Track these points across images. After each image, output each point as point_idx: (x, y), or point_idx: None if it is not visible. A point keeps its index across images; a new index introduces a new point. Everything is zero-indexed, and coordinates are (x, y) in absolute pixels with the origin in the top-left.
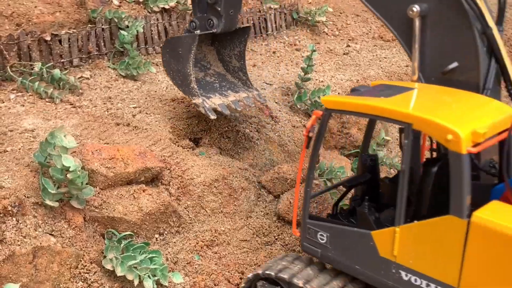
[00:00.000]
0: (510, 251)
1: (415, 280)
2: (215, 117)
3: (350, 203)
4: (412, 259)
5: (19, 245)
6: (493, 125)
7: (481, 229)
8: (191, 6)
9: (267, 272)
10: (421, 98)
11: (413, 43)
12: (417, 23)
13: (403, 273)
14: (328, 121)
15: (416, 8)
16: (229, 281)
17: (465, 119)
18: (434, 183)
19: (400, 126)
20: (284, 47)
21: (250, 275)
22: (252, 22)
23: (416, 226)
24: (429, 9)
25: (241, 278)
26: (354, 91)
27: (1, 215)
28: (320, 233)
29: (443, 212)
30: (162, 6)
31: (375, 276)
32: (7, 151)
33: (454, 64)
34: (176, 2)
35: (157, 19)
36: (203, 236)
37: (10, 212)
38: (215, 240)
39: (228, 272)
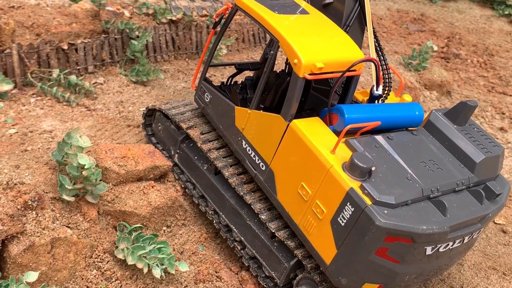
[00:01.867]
0: (301, 152)
1: (249, 150)
2: (177, 15)
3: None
4: (251, 135)
5: (38, 236)
6: (334, 63)
7: (292, 132)
8: (196, 17)
9: (158, 106)
10: (301, 23)
11: None
12: None
13: (243, 142)
14: (234, 15)
15: None
16: (230, 269)
17: (315, 50)
18: (282, 89)
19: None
20: (281, 55)
21: (149, 105)
22: (252, 32)
23: (260, 113)
24: None
25: (241, 267)
26: None
27: (22, 209)
28: (206, 93)
29: (278, 111)
30: (169, 18)
31: (228, 137)
32: (28, 150)
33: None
34: (183, 14)
35: (165, 30)
36: (206, 229)
37: (30, 206)
38: (217, 232)
39: (230, 261)
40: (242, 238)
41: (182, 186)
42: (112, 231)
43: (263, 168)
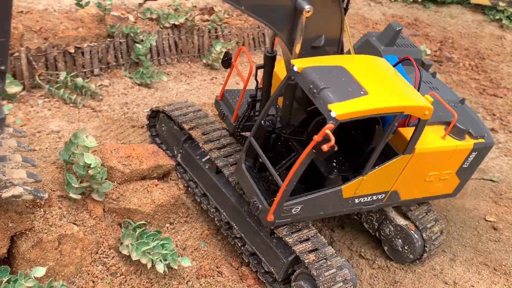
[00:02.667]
0: (431, 159)
1: (362, 200)
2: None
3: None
4: (365, 190)
5: (46, 233)
6: None
7: (420, 155)
8: (198, 22)
9: (161, 107)
10: (378, 83)
11: (297, 36)
12: (304, 19)
13: (356, 200)
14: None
15: (308, 8)
16: (231, 265)
17: (415, 94)
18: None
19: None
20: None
21: (153, 107)
22: (252, 36)
23: (379, 169)
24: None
25: (241, 263)
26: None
27: (30, 206)
28: (294, 208)
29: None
30: (172, 22)
31: (331, 213)
32: (36, 150)
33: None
34: (185, 19)
35: (168, 34)
36: (208, 226)
37: (38, 204)
38: (218, 229)
39: (230, 257)
40: (243, 235)
41: (185, 184)
42: (117, 228)
43: (381, 197)
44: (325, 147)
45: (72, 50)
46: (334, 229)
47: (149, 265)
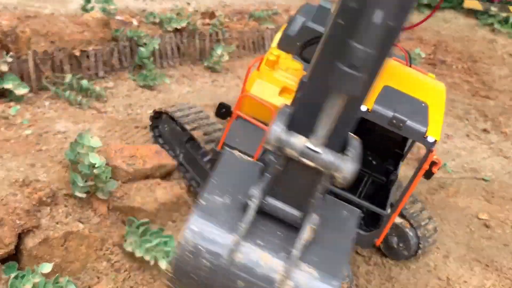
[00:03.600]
0: None
1: None
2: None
3: None
4: None
5: (52, 230)
6: None
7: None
8: (199, 26)
9: (164, 109)
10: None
11: None
12: None
13: None
14: None
15: None
16: None
17: None
18: None
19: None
20: None
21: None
22: (252, 40)
23: None
24: None
25: None
26: None
27: (37, 204)
28: None
29: None
30: (174, 26)
31: None
32: (42, 150)
33: None
34: (187, 23)
35: (171, 38)
36: None
37: (45, 202)
38: None
39: None
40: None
41: (187, 183)
42: (121, 225)
43: None
44: (435, 170)
45: (77, 53)
46: None
47: (152, 262)
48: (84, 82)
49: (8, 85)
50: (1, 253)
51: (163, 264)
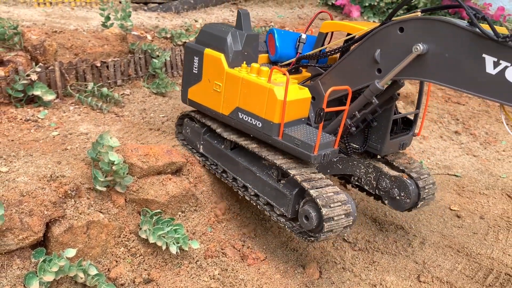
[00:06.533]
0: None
1: None
2: None
3: None
4: None
5: (76, 219)
6: None
7: None
8: None
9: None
10: None
11: None
12: None
13: None
14: None
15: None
16: (233, 247)
17: None
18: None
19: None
20: None
21: (180, 113)
22: None
23: None
24: None
25: (242, 245)
26: None
27: (63, 197)
28: None
29: None
30: (184, 40)
31: None
32: (68, 149)
33: None
34: (195, 38)
35: (180, 51)
36: (214, 214)
37: (70, 195)
38: (223, 217)
39: (233, 240)
40: (256, 191)
41: (208, 168)
42: (136, 215)
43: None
44: None
45: (98, 64)
46: None
47: (163, 247)
48: (104, 90)
49: (37, 92)
50: (31, 240)
51: (174, 250)
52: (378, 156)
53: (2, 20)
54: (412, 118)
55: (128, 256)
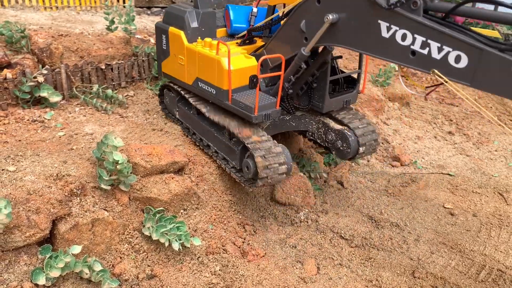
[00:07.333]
0: None
1: None
2: None
3: None
4: None
5: (81, 217)
6: None
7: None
8: None
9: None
10: None
11: None
12: None
13: None
14: None
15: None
16: (234, 244)
17: None
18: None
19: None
20: None
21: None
22: None
23: None
24: None
25: (243, 242)
26: None
27: (69, 195)
28: None
29: None
30: None
31: None
32: (73, 149)
33: None
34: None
35: None
36: (215, 211)
37: (75, 193)
38: (224, 215)
39: (233, 237)
40: (216, 148)
41: (183, 132)
42: (140, 213)
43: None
44: None
45: (103, 67)
46: (319, 214)
47: (166, 244)
48: (109, 91)
49: (44, 94)
50: (38, 237)
51: (176, 246)
52: (328, 114)
53: (10, 23)
54: (356, 77)
55: (132, 253)
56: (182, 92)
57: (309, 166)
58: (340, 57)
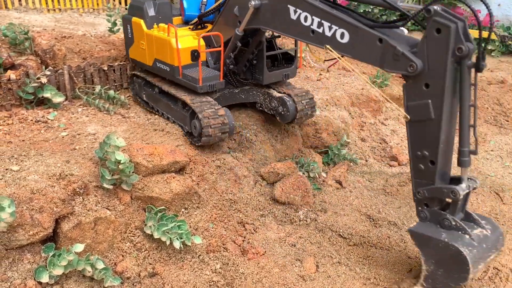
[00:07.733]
0: None
1: None
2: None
3: None
4: None
5: (84, 216)
6: None
7: None
8: None
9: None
10: None
11: None
12: None
13: None
14: None
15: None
16: (234, 242)
17: None
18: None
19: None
20: None
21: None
22: None
23: None
24: None
25: (243, 241)
26: None
27: (72, 194)
28: None
29: None
30: None
31: None
32: (76, 149)
33: None
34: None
35: None
36: (216, 210)
37: (78, 192)
38: (224, 214)
39: (234, 235)
40: (173, 118)
41: (149, 110)
42: (142, 212)
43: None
44: None
45: (105, 68)
46: (318, 213)
47: (167, 242)
48: (111, 92)
49: (47, 94)
50: (41, 236)
51: (177, 245)
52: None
53: (13, 25)
54: (293, 54)
55: (133, 251)
56: (147, 78)
57: (308, 166)
58: (279, 36)
